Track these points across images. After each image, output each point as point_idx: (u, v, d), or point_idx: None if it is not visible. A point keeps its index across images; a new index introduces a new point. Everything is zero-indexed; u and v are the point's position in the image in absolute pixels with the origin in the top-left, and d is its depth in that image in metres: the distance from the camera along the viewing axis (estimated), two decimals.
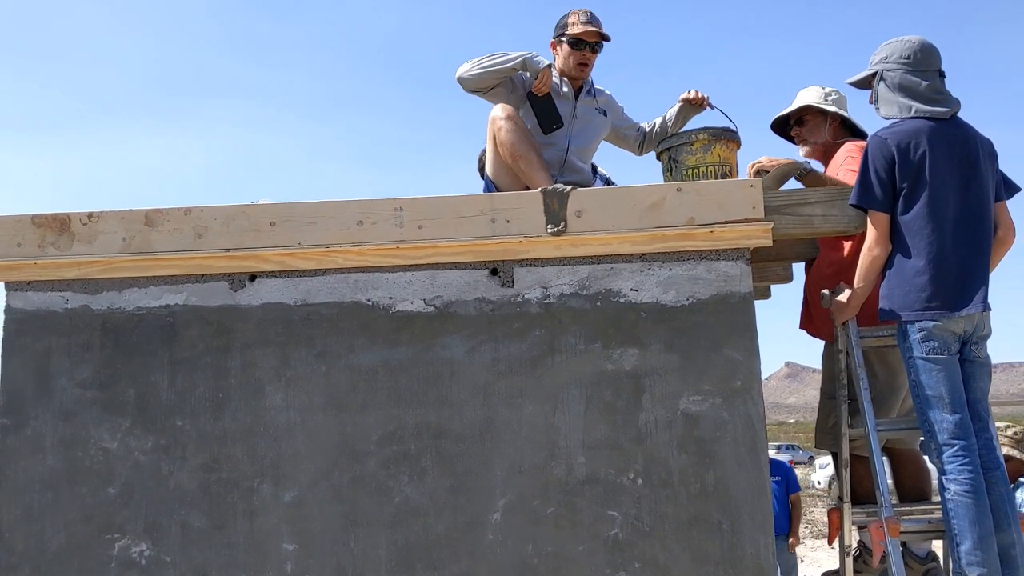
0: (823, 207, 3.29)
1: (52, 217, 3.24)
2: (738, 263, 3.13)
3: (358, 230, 3.17)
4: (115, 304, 3.22)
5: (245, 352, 3.16)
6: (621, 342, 3.10)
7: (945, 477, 3.07)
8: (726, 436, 3.02)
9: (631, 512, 3.00)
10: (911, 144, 3.18)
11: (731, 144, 3.66)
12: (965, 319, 3.14)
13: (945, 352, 3.12)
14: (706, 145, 3.61)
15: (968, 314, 3.11)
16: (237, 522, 3.07)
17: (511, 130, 3.90)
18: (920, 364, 3.13)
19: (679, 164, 3.65)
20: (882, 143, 3.23)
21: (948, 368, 3.12)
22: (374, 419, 3.10)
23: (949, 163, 3.19)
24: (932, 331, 3.12)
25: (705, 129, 3.64)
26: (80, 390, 3.16)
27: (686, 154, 3.64)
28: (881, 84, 3.34)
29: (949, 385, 3.11)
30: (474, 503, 3.04)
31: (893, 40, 3.38)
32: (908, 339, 3.16)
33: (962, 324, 3.14)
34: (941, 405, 3.10)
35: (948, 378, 3.11)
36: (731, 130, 3.68)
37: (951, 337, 3.14)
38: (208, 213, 3.21)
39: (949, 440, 3.08)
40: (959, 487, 3.03)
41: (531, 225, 3.14)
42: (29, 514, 3.10)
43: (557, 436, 3.05)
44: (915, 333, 3.14)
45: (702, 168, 3.61)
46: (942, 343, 3.12)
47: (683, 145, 3.66)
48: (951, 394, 3.10)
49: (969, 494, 3.01)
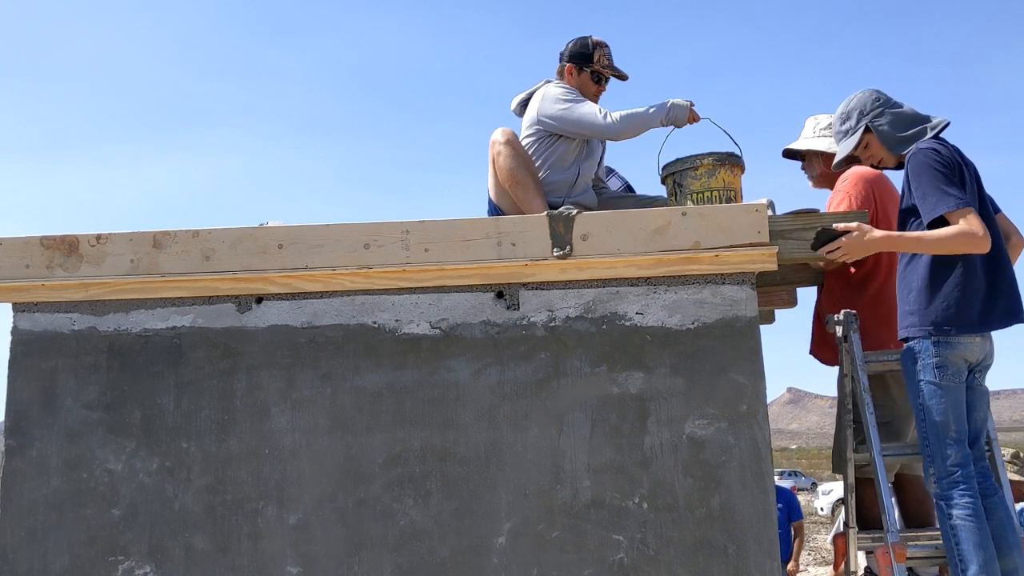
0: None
1: (61, 239, 3.26)
2: (743, 287, 3.13)
3: (365, 253, 3.18)
4: (122, 325, 3.23)
5: (251, 374, 3.17)
6: (626, 365, 3.10)
7: (946, 503, 3.07)
8: (732, 460, 3.01)
9: (636, 536, 2.99)
10: (954, 155, 3.19)
11: (735, 169, 3.68)
12: (979, 346, 3.14)
13: (957, 379, 3.12)
14: (710, 170, 3.63)
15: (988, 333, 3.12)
16: (241, 545, 3.06)
17: (509, 155, 3.93)
18: (930, 389, 3.12)
19: (683, 188, 3.67)
20: (931, 152, 3.17)
21: (957, 396, 3.12)
22: (379, 441, 3.10)
23: (972, 177, 3.22)
24: (948, 358, 3.10)
25: (710, 154, 3.66)
26: (86, 411, 3.17)
27: (690, 179, 3.66)
28: (874, 136, 3.37)
29: (956, 413, 3.11)
30: (479, 526, 3.03)
31: (847, 101, 3.46)
32: (920, 363, 3.15)
33: (977, 352, 3.14)
34: (947, 432, 3.09)
35: (956, 405, 3.11)
36: (735, 155, 3.70)
37: (963, 365, 3.14)
38: (216, 235, 3.23)
39: (951, 467, 3.08)
40: (961, 511, 3.03)
41: (537, 248, 3.16)
42: (33, 535, 3.09)
43: (562, 459, 3.05)
44: (929, 358, 3.12)
45: (706, 193, 3.62)
46: (955, 370, 3.12)
47: (687, 170, 3.67)
48: (957, 422, 3.11)
49: (972, 518, 3.01)
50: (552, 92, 4.17)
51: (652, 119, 3.99)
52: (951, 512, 3.04)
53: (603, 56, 4.26)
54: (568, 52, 4.31)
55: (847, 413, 3.47)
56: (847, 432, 3.48)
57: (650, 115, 3.98)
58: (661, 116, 3.97)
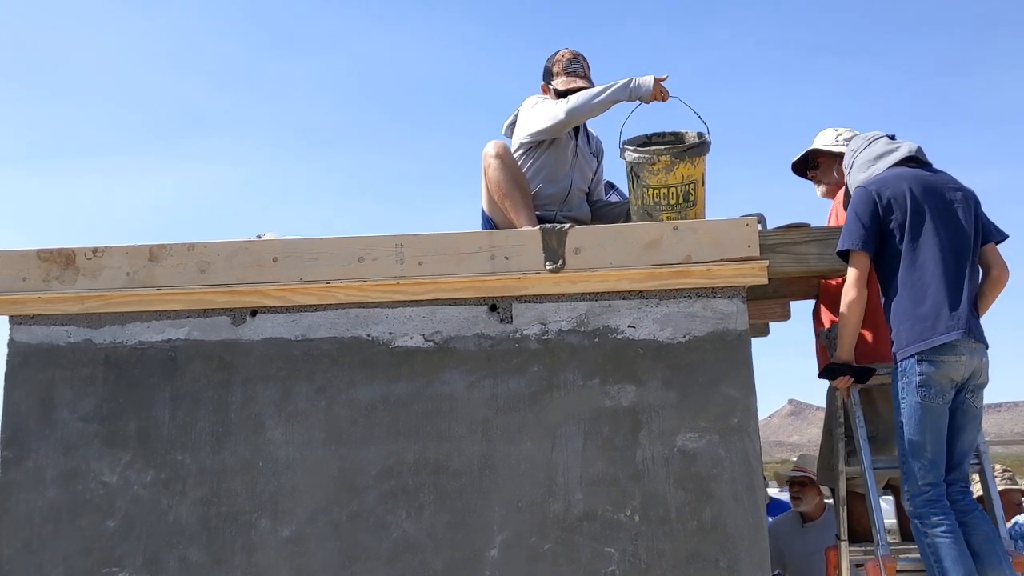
0: (818, 246, 3.34)
1: (57, 252, 3.28)
2: (734, 300, 3.16)
3: (359, 266, 3.21)
4: (118, 338, 3.25)
5: (246, 387, 3.19)
6: (619, 378, 3.12)
7: (920, 521, 3.11)
8: (723, 473, 3.03)
9: (628, 549, 3.00)
10: (892, 188, 3.28)
11: (696, 160, 3.64)
12: (965, 364, 3.15)
13: (939, 399, 3.13)
14: (668, 166, 3.59)
15: (965, 347, 3.12)
16: (236, 557, 3.07)
17: (498, 168, 3.97)
18: (911, 408, 3.14)
19: (640, 181, 3.65)
20: (863, 191, 3.32)
21: (937, 417, 3.14)
22: (373, 454, 3.11)
23: (928, 201, 3.27)
24: (931, 376, 3.12)
25: (667, 150, 3.62)
26: (82, 423, 3.18)
27: (648, 173, 3.62)
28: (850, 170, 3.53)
29: (934, 434, 3.13)
30: (472, 539, 3.04)
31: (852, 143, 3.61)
32: (904, 380, 3.17)
33: (961, 370, 3.15)
34: (922, 452, 3.13)
35: (935, 426, 3.13)
36: (696, 146, 3.65)
37: (948, 384, 3.15)
38: (211, 248, 3.25)
39: (923, 487, 3.12)
40: (936, 529, 3.06)
41: (530, 262, 3.18)
42: (29, 547, 3.10)
43: (555, 472, 3.07)
44: (913, 376, 3.14)
45: (663, 189, 3.61)
46: (939, 390, 3.13)
47: (645, 164, 3.64)
48: (934, 443, 3.13)
49: (948, 535, 3.05)
50: (523, 107, 4.22)
51: (606, 99, 3.92)
52: (927, 531, 3.09)
53: (561, 72, 4.23)
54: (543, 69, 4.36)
55: (838, 426, 3.49)
56: (839, 445, 3.49)
57: (604, 97, 3.92)
58: (620, 95, 3.90)
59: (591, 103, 3.94)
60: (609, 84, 3.94)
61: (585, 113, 3.99)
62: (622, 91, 3.90)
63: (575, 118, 4.02)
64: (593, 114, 4.02)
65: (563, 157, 4.23)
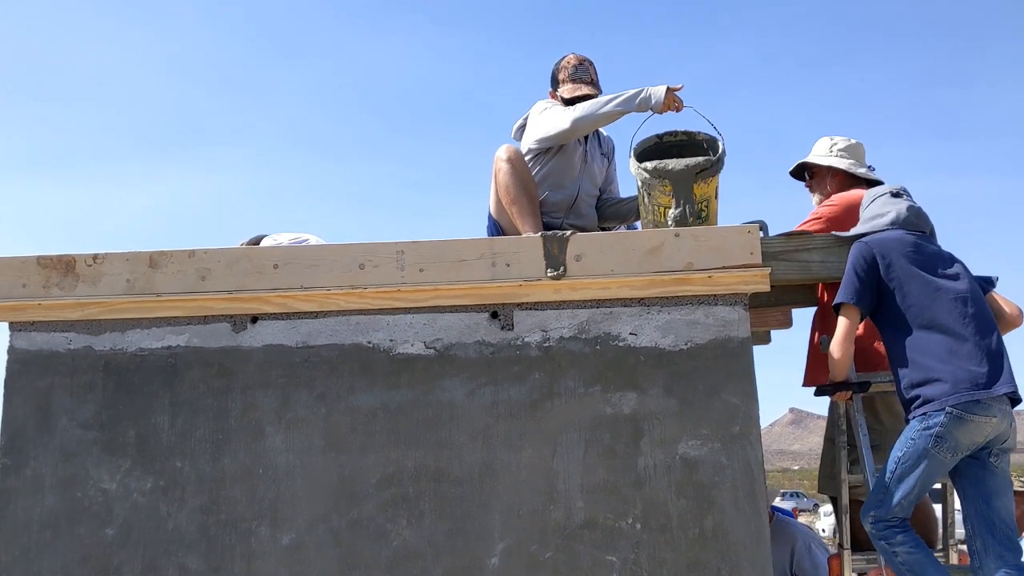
0: (820, 253, 3.33)
1: (57, 259, 3.28)
2: (736, 308, 3.15)
3: (360, 273, 3.20)
4: (117, 345, 3.24)
5: (246, 394, 3.18)
6: (620, 386, 3.11)
7: (887, 543, 3.08)
8: (725, 481, 3.02)
9: (629, 557, 2.98)
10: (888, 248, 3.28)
11: (710, 180, 3.62)
12: (994, 426, 3.05)
13: (951, 454, 3.05)
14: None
15: (999, 408, 3.05)
16: (235, 565, 3.05)
17: (508, 172, 3.96)
18: (916, 451, 3.06)
19: (652, 199, 3.64)
20: (862, 247, 3.30)
21: (940, 469, 3.09)
22: (373, 461, 3.10)
23: (931, 258, 3.28)
24: (953, 432, 3.01)
25: (681, 174, 3.58)
26: (81, 430, 3.17)
27: (659, 193, 3.63)
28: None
29: (929, 479, 3.10)
30: (472, 547, 3.03)
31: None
32: (922, 424, 3.06)
33: (987, 431, 3.05)
34: (909, 489, 3.07)
35: (931, 475, 3.09)
36: (709, 167, 3.62)
37: (967, 445, 3.05)
38: (211, 255, 3.25)
39: (891, 516, 3.09)
40: (904, 547, 3.05)
41: (531, 269, 3.17)
42: (27, 554, 3.09)
43: (556, 480, 3.05)
44: (936, 427, 3.02)
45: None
46: (952, 445, 3.03)
47: (657, 183, 3.62)
48: (923, 487, 3.10)
49: (917, 550, 3.05)
50: (532, 111, 4.22)
51: (613, 111, 3.90)
52: (895, 550, 3.06)
53: (566, 79, 4.23)
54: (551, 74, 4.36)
55: (841, 434, 3.47)
56: (841, 453, 3.47)
57: (611, 108, 3.90)
58: (628, 106, 3.87)
59: (597, 114, 3.93)
60: (618, 94, 3.91)
61: (591, 124, 3.99)
62: (631, 102, 3.88)
63: (580, 129, 4.01)
64: (599, 124, 4.02)
65: (570, 164, 4.23)
